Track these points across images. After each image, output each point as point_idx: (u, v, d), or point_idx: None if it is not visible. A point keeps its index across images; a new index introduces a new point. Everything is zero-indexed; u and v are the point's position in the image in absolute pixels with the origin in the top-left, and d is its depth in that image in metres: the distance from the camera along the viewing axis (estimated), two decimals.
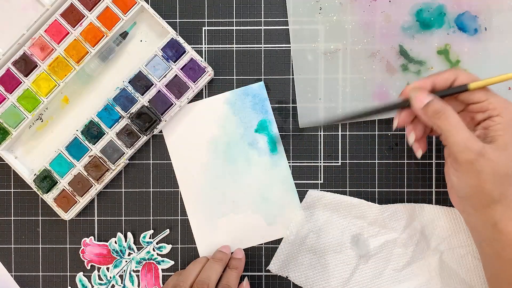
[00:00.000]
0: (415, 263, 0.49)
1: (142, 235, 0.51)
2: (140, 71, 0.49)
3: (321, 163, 0.50)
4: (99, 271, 0.51)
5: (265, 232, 0.50)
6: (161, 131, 0.50)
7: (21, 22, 0.49)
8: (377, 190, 0.50)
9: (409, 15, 0.49)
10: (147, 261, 0.51)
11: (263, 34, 0.50)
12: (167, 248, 0.51)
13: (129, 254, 0.51)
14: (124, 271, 0.51)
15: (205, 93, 0.51)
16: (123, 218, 0.51)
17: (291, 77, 0.50)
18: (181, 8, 0.51)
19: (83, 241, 0.51)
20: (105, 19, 0.49)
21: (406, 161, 0.50)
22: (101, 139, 0.49)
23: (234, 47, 0.50)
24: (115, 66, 0.50)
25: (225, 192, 0.50)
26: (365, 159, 0.50)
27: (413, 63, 0.49)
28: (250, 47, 0.50)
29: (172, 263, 0.51)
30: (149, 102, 0.49)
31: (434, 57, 0.49)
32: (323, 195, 0.50)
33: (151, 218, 0.51)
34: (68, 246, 0.51)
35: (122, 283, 0.51)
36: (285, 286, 0.51)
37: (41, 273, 0.51)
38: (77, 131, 0.49)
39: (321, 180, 0.50)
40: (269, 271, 0.50)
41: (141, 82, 0.49)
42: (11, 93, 0.49)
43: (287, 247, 0.50)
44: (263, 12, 0.50)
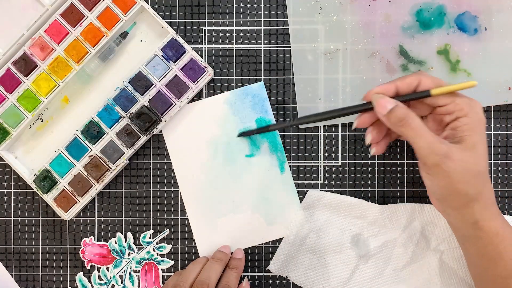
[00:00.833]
0: (415, 263, 0.49)
1: (142, 235, 0.51)
2: (140, 71, 0.49)
3: (321, 163, 0.50)
4: (99, 271, 0.51)
5: (265, 232, 0.50)
6: (161, 131, 0.50)
7: (21, 22, 0.49)
8: (377, 190, 0.50)
9: (409, 15, 0.49)
10: (147, 261, 0.51)
11: (263, 34, 0.50)
12: (167, 248, 0.51)
13: (129, 254, 0.51)
14: (124, 271, 0.51)
15: (205, 93, 0.51)
16: (123, 218, 0.51)
17: (291, 77, 0.50)
18: (181, 8, 0.51)
19: (83, 241, 0.51)
20: (105, 19, 0.49)
21: (406, 161, 0.50)
22: (101, 139, 0.49)
23: (234, 47, 0.50)
24: (115, 66, 0.50)
25: (225, 192, 0.50)
26: (365, 159, 0.50)
27: (413, 63, 0.49)
28: (250, 47, 0.50)
29: (172, 263, 0.51)
30: (149, 102, 0.49)
31: (434, 57, 0.49)
32: (323, 195, 0.50)
33: (151, 218, 0.51)
34: (68, 246, 0.51)
35: (122, 283, 0.51)
36: (285, 286, 0.51)
37: (41, 273, 0.51)
38: (77, 131, 0.49)
39: (321, 180, 0.50)
40: (269, 271, 0.50)
41: (141, 82, 0.49)
42: (11, 93, 0.49)
43: (287, 247, 0.50)
44: (263, 12, 0.50)
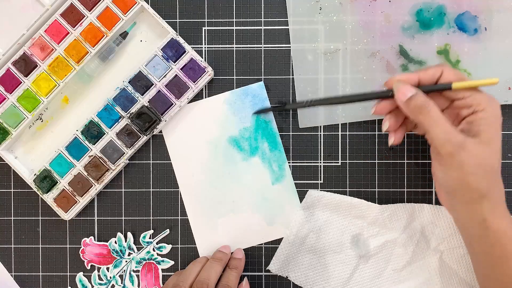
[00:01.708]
0: (415, 263, 0.49)
1: (142, 235, 0.51)
2: (140, 71, 0.49)
3: (321, 163, 0.50)
4: (99, 271, 0.51)
5: (265, 232, 0.50)
6: (161, 131, 0.50)
7: (21, 22, 0.49)
8: (377, 190, 0.50)
9: (409, 15, 0.49)
10: (147, 261, 0.51)
11: (263, 34, 0.50)
12: (167, 248, 0.51)
13: (129, 254, 0.51)
14: (124, 271, 0.51)
15: (205, 93, 0.51)
16: (123, 218, 0.51)
17: (291, 77, 0.50)
18: (181, 8, 0.51)
19: (83, 241, 0.51)
20: (105, 19, 0.49)
21: (406, 161, 0.50)
22: (101, 139, 0.49)
23: (234, 47, 0.50)
24: (115, 66, 0.50)
25: (225, 192, 0.50)
26: (365, 159, 0.50)
27: (413, 63, 0.49)
28: (250, 47, 0.50)
29: (172, 263, 0.51)
30: (149, 102, 0.49)
31: (434, 57, 0.49)
32: (323, 195, 0.50)
33: (151, 218, 0.51)
34: (68, 246, 0.51)
35: (122, 283, 0.51)
36: (285, 286, 0.51)
37: (41, 273, 0.51)
38: (77, 131, 0.49)
39: (321, 180, 0.50)
40: (269, 271, 0.50)
41: (141, 82, 0.49)
42: (11, 93, 0.49)
43: (287, 247, 0.50)
44: (263, 12, 0.50)
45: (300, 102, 0.48)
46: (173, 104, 0.49)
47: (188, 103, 0.50)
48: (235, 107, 0.50)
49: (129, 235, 0.51)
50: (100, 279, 0.51)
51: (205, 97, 0.51)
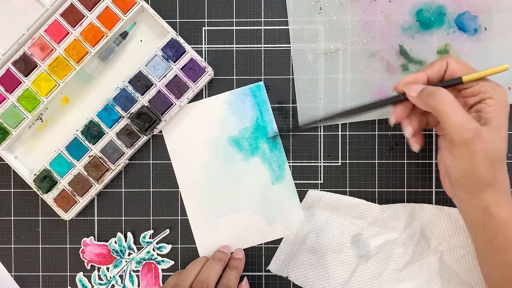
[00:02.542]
0: (415, 263, 0.49)
1: (142, 235, 0.51)
2: (140, 71, 0.49)
3: (321, 163, 0.50)
4: (99, 271, 0.51)
5: (265, 232, 0.50)
6: (161, 131, 0.50)
7: (21, 22, 0.49)
8: (377, 190, 0.50)
9: (409, 15, 0.49)
10: (147, 261, 0.51)
11: (263, 34, 0.50)
12: (167, 248, 0.51)
13: (129, 254, 0.51)
14: (124, 271, 0.51)
15: (205, 93, 0.51)
16: (123, 218, 0.51)
17: (291, 77, 0.50)
18: (181, 8, 0.51)
19: (83, 241, 0.51)
20: (105, 19, 0.49)
21: (406, 161, 0.50)
22: (101, 139, 0.49)
23: (234, 47, 0.50)
24: (115, 66, 0.50)
25: (225, 192, 0.50)
26: (365, 159, 0.50)
27: (413, 63, 0.49)
28: (250, 47, 0.50)
29: (172, 263, 0.51)
30: (149, 102, 0.49)
31: (434, 57, 0.49)
32: (323, 195, 0.50)
33: (151, 218, 0.51)
34: (68, 246, 0.51)
35: (122, 283, 0.51)
36: (285, 286, 0.51)
37: (41, 273, 0.51)
38: (77, 131, 0.49)
39: (321, 180, 0.50)
40: (269, 271, 0.50)
41: (141, 82, 0.49)
42: (11, 93, 0.49)
43: (287, 247, 0.50)
44: (263, 12, 0.50)
45: (313, 121, 0.48)
46: (173, 104, 0.49)
47: (188, 103, 0.50)
48: (235, 107, 0.50)
49: (129, 235, 0.51)
50: (100, 279, 0.51)
51: (205, 97, 0.51)
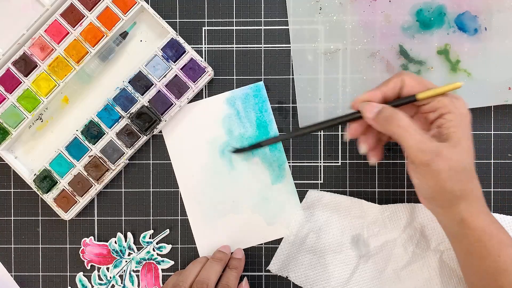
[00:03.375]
0: (415, 263, 0.49)
1: (142, 235, 0.51)
2: (140, 71, 0.49)
3: (321, 163, 0.50)
4: (99, 271, 0.51)
5: (265, 232, 0.50)
6: (161, 131, 0.50)
7: (21, 22, 0.49)
8: (377, 190, 0.50)
9: (409, 15, 0.49)
10: (147, 261, 0.51)
11: (263, 34, 0.50)
12: (167, 248, 0.51)
13: (129, 254, 0.51)
14: (124, 271, 0.51)
15: (205, 93, 0.51)
16: (123, 218, 0.51)
17: (291, 77, 0.50)
18: (181, 8, 0.51)
19: (83, 241, 0.51)
20: (105, 19, 0.49)
21: (406, 161, 0.50)
22: (101, 139, 0.49)
23: (234, 47, 0.50)
24: (115, 66, 0.50)
25: (225, 192, 0.50)
26: (365, 159, 0.50)
27: (413, 63, 0.49)
28: (250, 47, 0.50)
29: (172, 263, 0.51)
30: (149, 102, 0.49)
31: (434, 57, 0.49)
32: (323, 195, 0.50)
33: (151, 218, 0.51)
34: (68, 246, 0.51)
35: (122, 283, 0.51)
36: (285, 286, 0.50)
37: (41, 273, 0.51)
38: (77, 131, 0.49)
39: (321, 180, 0.50)
40: (269, 271, 0.50)
41: (141, 82, 0.49)
42: (11, 93, 0.49)
43: (287, 247, 0.50)
44: (263, 12, 0.50)
45: (273, 138, 0.47)
46: (173, 104, 0.49)
47: (188, 103, 0.50)
48: (235, 107, 0.50)
49: (129, 235, 0.51)
50: (100, 279, 0.51)
51: (205, 97, 0.51)
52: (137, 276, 0.51)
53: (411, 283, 0.49)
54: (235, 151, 0.49)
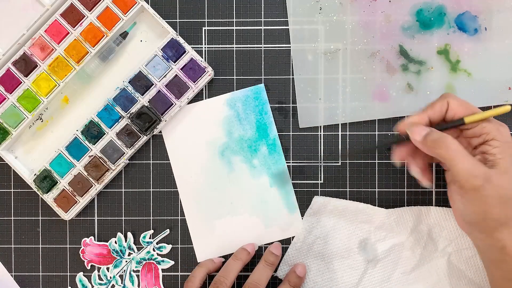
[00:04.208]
0: (423, 266, 0.49)
1: (142, 235, 0.51)
2: (140, 71, 0.49)
3: (321, 163, 0.50)
4: (99, 271, 0.51)
5: (262, 234, 0.50)
6: (160, 131, 0.50)
7: (21, 22, 0.49)
8: (377, 190, 0.50)
9: (409, 15, 0.49)
10: (147, 261, 0.51)
11: (263, 34, 0.50)
12: (167, 248, 0.51)
13: (129, 254, 0.51)
14: (124, 271, 0.51)
15: (205, 93, 0.51)
16: (123, 218, 0.51)
17: (291, 77, 0.50)
18: (181, 8, 0.51)
19: (83, 241, 0.51)
20: (105, 19, 0.49)
21: (406, 161, 0.50)
22: (101, 139, 0.49)
23: (234, 47, 0.50)
24: (115, 66, 0.50)
25: (223, 193, 0.50)
26: (365, 159, 0.50)
27: (413, 63, 0.49)
28: (250, 47, 0.50)
29: (172, 263, 0.51)
30: (149, 102, 0.49)
31: (434, 57, 0.49)
32: (328, 201, 0.49)
33: (151, 218, 0.51)
34: (68, 246, 0.51)
35: (122, 283, 0.51)
36: None
37: (41, 273, 0.51)
38: (77, 131, 0.49)
39: (321, 180, 0.50)
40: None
41: (141, 82, 0.49)
42: (11, 93, 0.49)
43: (294, 254, 0.49)
44: (263, 12, 0.50)
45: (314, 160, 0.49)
46: (173, 104, 0.49)
47: (188, 104, 0.50)
48: (235, 108, 0.50)
49: (129, 235, 0.51)
50: (100, 279, 0.51)
51: (205, 97, 0.51)
52: (137, 276, 0.51)
53: (420, 286, 0.49)
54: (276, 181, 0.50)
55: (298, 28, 0.50)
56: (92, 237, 0.51)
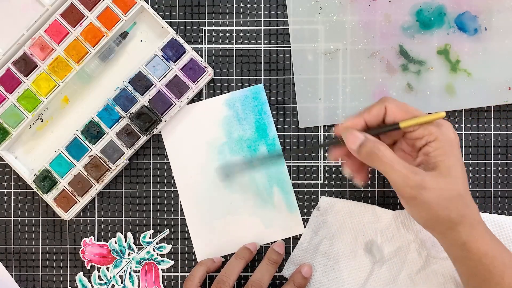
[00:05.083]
0: (429, 268, 0.48)
1: (142, 235, 0.51)
2: (140, 71, 0.49)
3: (321, 163, 0.50)
4: (99, 271, 0.51)
5: (262, 234, 0.50)
6: (160, 132, 0.50)
7: (21, 22, 0.49)
8: (377, 190, 0.50)
9: (409, 15, 0.49)
10: (147, 261, 0.51)
11: (263, 34, 0.50)
12: (167, 248, 0.51)
13: (129, 254, 0.51)
14: (124, 271, 0.51)
15: (205, 93, 0.51)
16: (123, 218, 0.51)
17: (291, 77, 0.50)
18: (181, 8, 0.51)
19: (83, 241, 0.51)
20: (105, 19, 0.49)
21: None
22: (101, 139, 0.49)
23: (234, 47, 0.50)
24: (115, 66, 0.50)
25: (223, 193, 0.50)
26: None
27: (413, 63, 0.49)
28: (250, 47, 0.50)
29: (172, 263, 0.51)
30: (149, 102, 0.49)
31: (434, 57, 0.49)
32: (335, 202, 0.49)
33: (151, 218, 0.51)
34: (68, 246, 0.51)
35: (122, 283, 0.51)
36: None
37: (41, 273, 0.51)
38: (77, 131, 0.49)
39: (321, 180, 0.50)
40: None
41: (141, 82, 0.49)
42: (11, 93, 0.49)
43: (301, 254, 0.49)
44: (263, 12, 0.50)
45: (257, 159, 0.49)
46: (173, 104, 0.49)
47: (188, 104, 0.50)
48: (235, 109, 0.50)
49: (129, 235, 0.51)
50: (100, 279, 0.51)
51: (205, 97, 0.51)
52: (137, 276, 0.51)
53: None
54: (223, 175, 0.50)
55: (298, 28, 0.50)
56: (92, 237, 0.51)
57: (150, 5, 0.49)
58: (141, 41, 0.50)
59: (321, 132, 0.50)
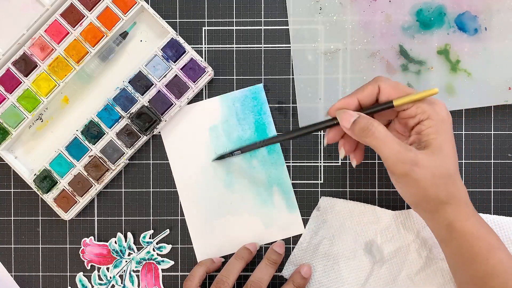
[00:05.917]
0: (430, 268, 0.48)
1: (142, 235, 0.51)
2: (140, 71, 0.49)
3: (321, 163, 0.50)
4: (99, 271, 0.51)
5: (262, 234, 0.50)
6: (160, 132, 0.50)
7: (21, 22, 0.49)
8: (377, 190, 0.50)
9: (409, 15, 0.49)
10: (147, 261, 0.51)
11: (263, 34, 0.50)
12: (167, 248, 0.51)
13: (129, 254, 0.51)
14: (124, 271, 0.51)
15: (205, 93, 0.51)
16: (123, 218, 0.51)
17: (291, 77, 0.50)
18: (181, 8, 0.51)
19: (83, 241, 0.51)
20: (105, 19, 0.49)
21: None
22: (101, 139, 0.49)
23: (234, 47, 0.50)
24: (115, 66, 0.50)
25: (223, 193, 0.50)
26: (365, 159, 0.50)
27: (413, 63, 0.49)
28: (250, 47, 0.50)
29: (172, 263, 0.51)
30: (149, 102, 0.49)
31: (434, 57, 0.49)
32: (335, 202, 0.49)
33: (151, 218, 0.51)
34: (68, 246, 0.51)
35: (122, 283, 0.51)
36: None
37: (41, 273, 0.51)
38: (77, 131, 0.49)
39: (321, 180, 0.50)
40: None
41: (141, 82, 0.49)
42: (11, 93, 0.49)
43: (300, 254, 0.49)
44: (263, 12, 0.50)
45: (253, 144, 0.47)
46: (173, 104, 0.49)
47: (187, 104, 0.50)
48: (234, 109, 0.50)
49: (129, 235, 0.51)
50: (100, 279, 0.51)
51: (205, 97, 0.51)
52: (137, 276, 0.51)
53: None
54: (216, 159, 0.50)
55: (298, 28, 0.50)
56: (92, 237, 0.51)
57: (150, 5, 0.49)
58: (141, 41, 0.50)
59: (321, 132, 0.50)
